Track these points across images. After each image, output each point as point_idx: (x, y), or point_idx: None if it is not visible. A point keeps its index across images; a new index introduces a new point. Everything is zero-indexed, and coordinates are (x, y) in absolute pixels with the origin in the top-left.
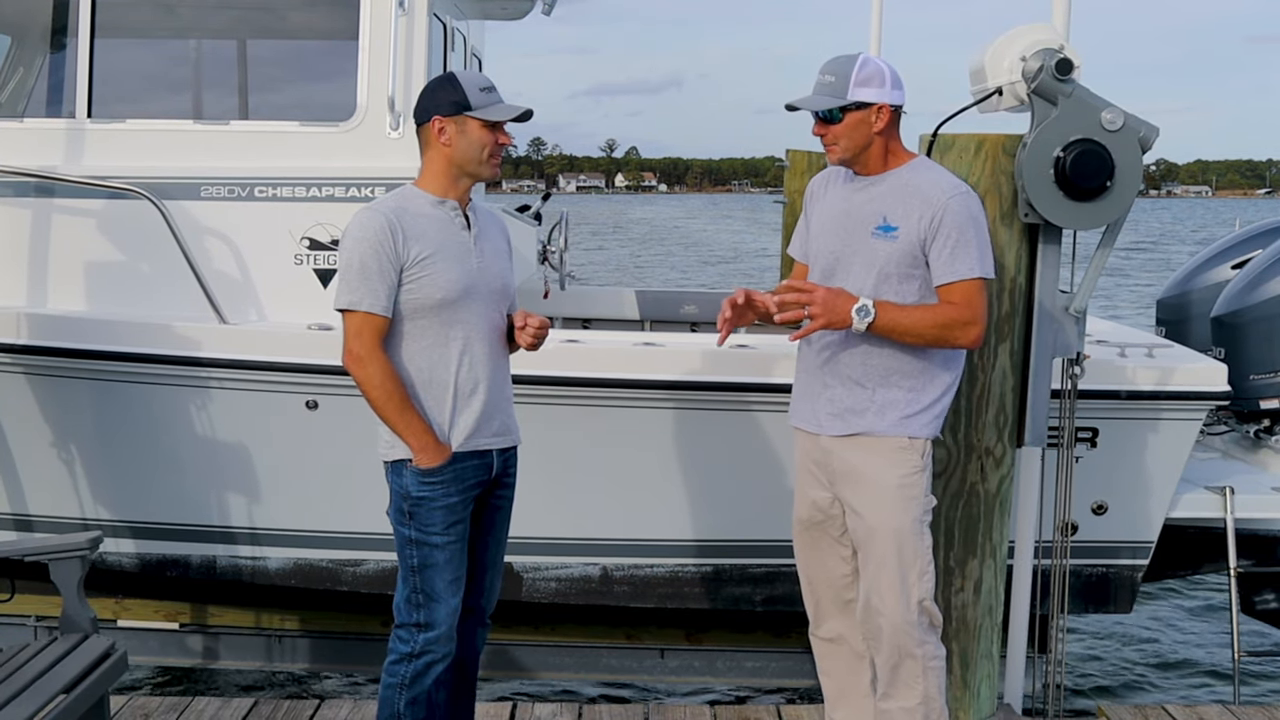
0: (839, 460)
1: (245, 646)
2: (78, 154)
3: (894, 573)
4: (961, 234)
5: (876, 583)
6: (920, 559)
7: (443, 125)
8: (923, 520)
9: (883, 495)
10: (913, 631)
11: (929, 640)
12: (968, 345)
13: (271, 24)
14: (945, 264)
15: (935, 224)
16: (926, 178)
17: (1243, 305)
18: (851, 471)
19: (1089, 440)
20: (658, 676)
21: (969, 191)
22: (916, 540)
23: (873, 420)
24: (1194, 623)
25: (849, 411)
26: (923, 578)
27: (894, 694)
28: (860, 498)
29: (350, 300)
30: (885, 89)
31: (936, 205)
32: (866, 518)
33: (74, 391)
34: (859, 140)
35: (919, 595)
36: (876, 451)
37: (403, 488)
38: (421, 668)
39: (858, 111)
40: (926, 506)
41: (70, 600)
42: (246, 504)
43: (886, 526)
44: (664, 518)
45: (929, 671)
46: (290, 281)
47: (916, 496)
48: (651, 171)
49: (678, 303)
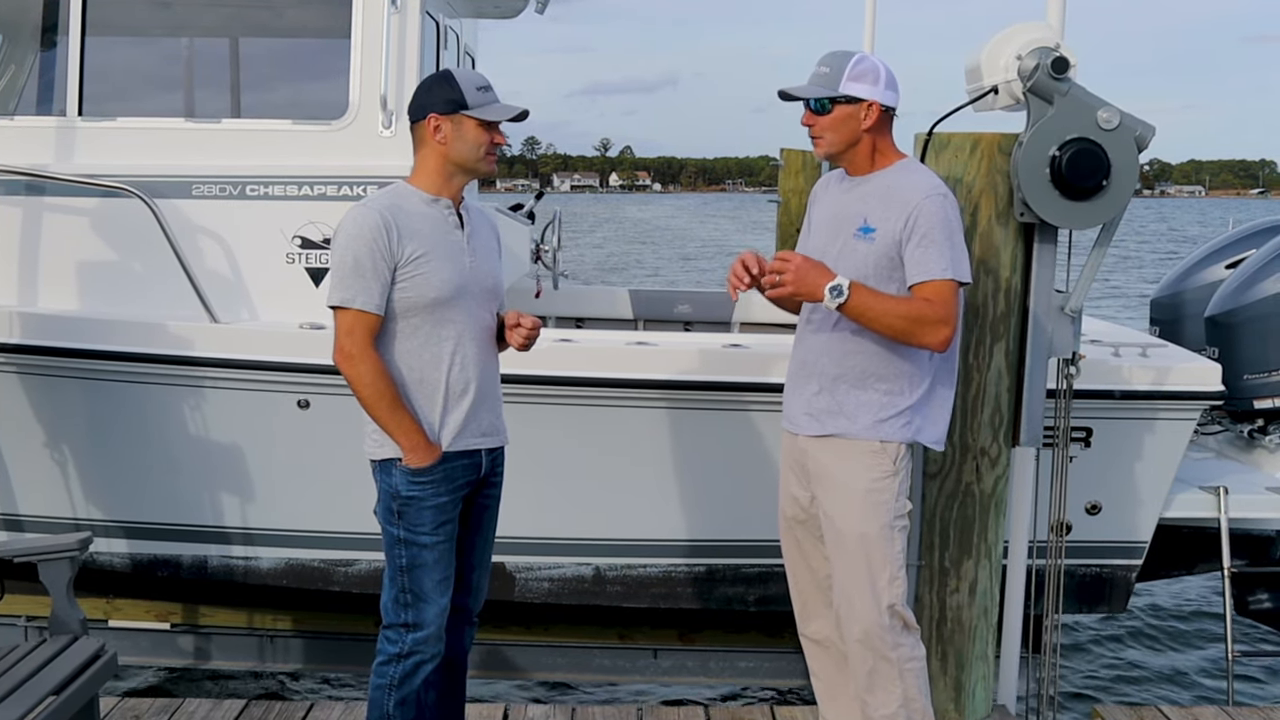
0: (813, 461)
1: (237, 647)
2: (69, 152)
3: (863, 578)
4: (934, 234)
5: (845, 587)
6: (890, 564)
7: (439, 123)
8: (893, 525)
9: (851, 499)
10: (885, 635)
11: (904, 642)
12: (935, 347)
13: (264, 22)
14: (917, 262)
15: (910, 224)
16: (907, 179)
17: (1237, 305)
18: (824, 473)
19: (1083, 440)
20: (651, 677)
21: (946, 194)
22: (886, 545)
23: (845, 422)
24: (1188, 623)
25: (824, 412)
26: (893, 583)
27: (872, 699)
28: (831, 500)
29: (343, 298)
30: (878, 88)
31: (911, 206)
32: (835, 520)
33: (65, 391)
34: (845, 135)
35: (889, 600)
36: (848, 454)
37: (391, 487)
38: (410, 668)
39: (847, 105)
40: (899, 511)
41: (60, 601)
42: (238, 504)
43: (854, 531)
44: (657, 518)
45: (906, 674)
46: (282, 280)
47: (886, 502)
48: (646, 171)
49: (671, 302)
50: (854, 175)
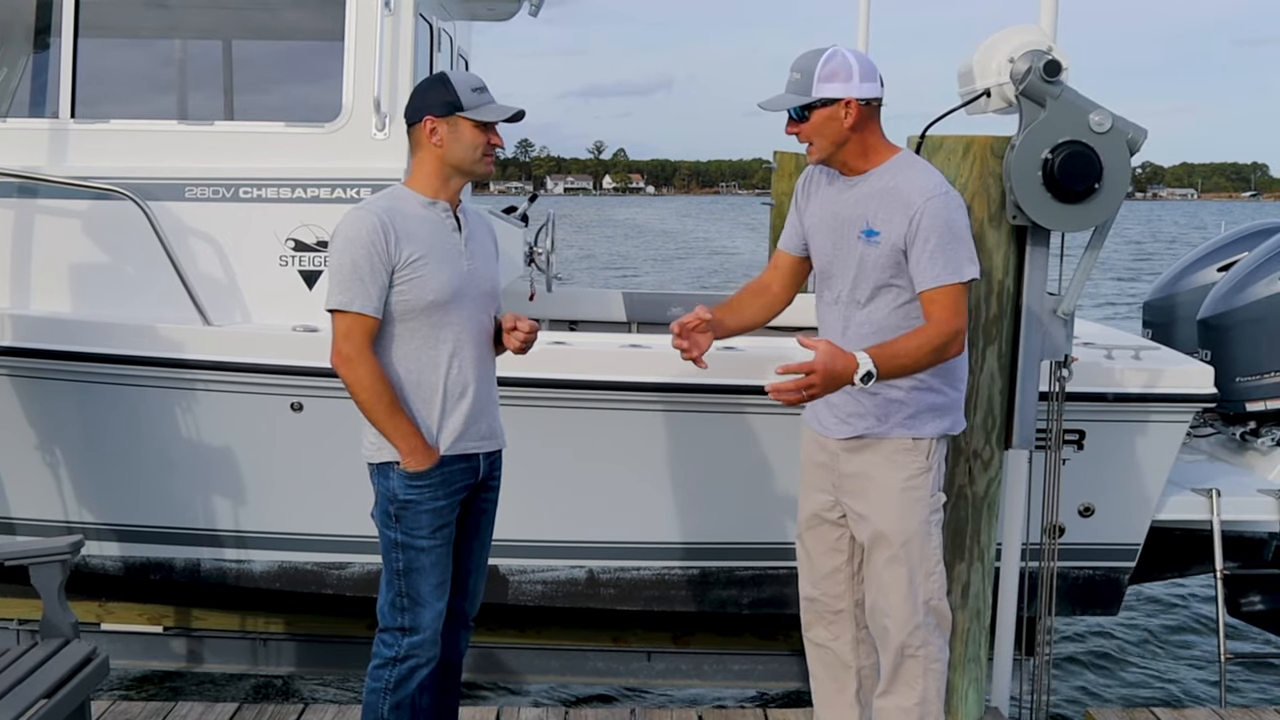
0: (844, 463)
1: (230, 650)
2: (61, 154)
3: (901, 574)
4: (939, 238)
5: (883, 583)
6: (928, 560)
7: (435, 125)
8: (930, 520)
9: (888, 498)
10: (918, 632)
11: (934, 641)
12: (956, 353)
13: (257, 24)
14: (925, 269)
15: (914, 228)
16: (907, 179)
17: (1229, 308)
18: (856, 475)
19: (1076, 443)
20: (644, 679)
21: (948, 192)
22: (924, 542)
23: (874, 422)
24: (1181, 625)
25: (853, 415)
26: (930, 578)
27: (893, 691)
28: (866, 501)
29: (341, 300)
30: (852, 83)
31: (914, 209)
32: (872, 521)
33: (57, 393)
34: (831, 137)
35: (925, 595)
36: (880, 454)
37: (389, 490)
38: (406, 672)
39: (824, 109)
40: (934, 506)
41: (51, 605)
42: (231, 506)
43: (893, 530)
44: (650, 520)
45: (930, 673)
46: (275, 283)
47: (923, 498)
48: (639, 173)
49: (665, 304)
50: (848, 175)
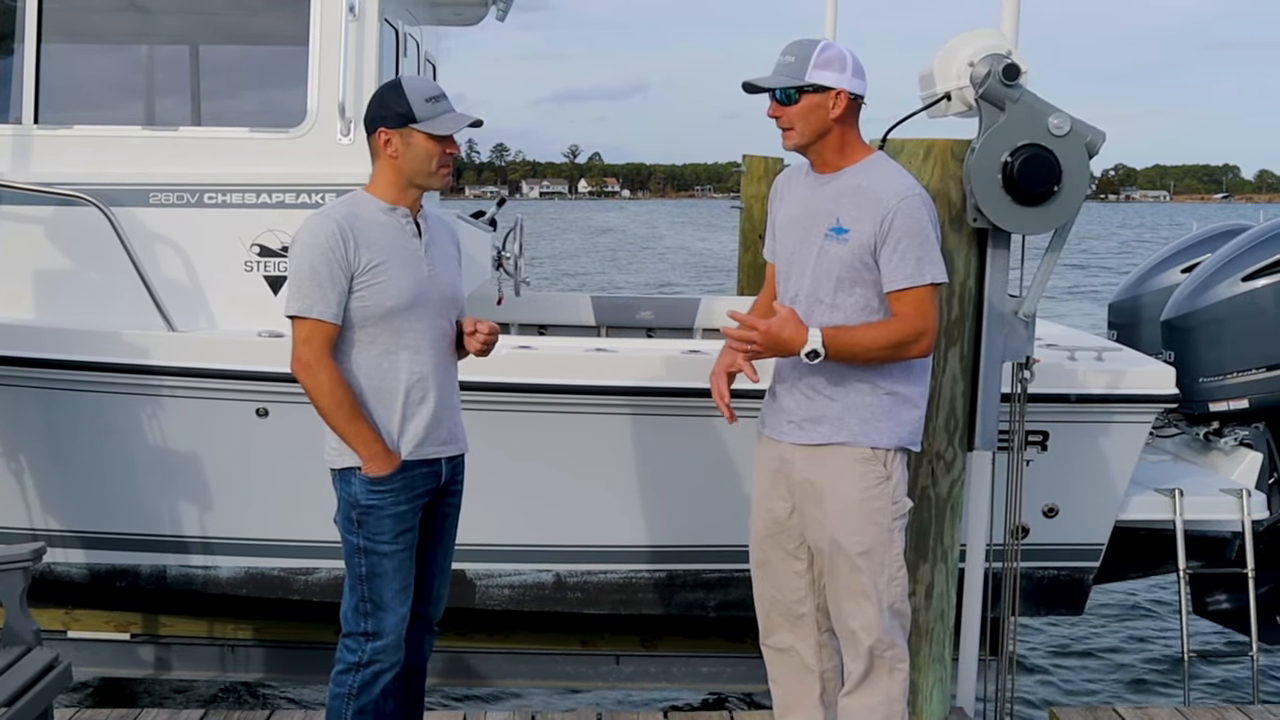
0: (799, 470)
1: (197, 656)
2: (24, 160)
3: (863, 581)
4: (910, 239)
5: (848, 590)
6: (890, 565)
7: (389, 137)
8: (891, 529)
9: (846, 509)
10: (884, 636)
11: (898, 643)
12: (920, 355)
13: (224, 28)
14: (895, 269)
15: (885, 228)
16: (879, 178)
17: (1192, 309)
18: (813, 483)
19: (1039, 444)
20: (613, 683)
21: (920, 193)
22: (884, 550)
23: (831, 430)
24: (1145, 624)
25: (809, 420)
26: (892, 583)
27: (858, 691)
28: (823, 509)
29: (300, 307)
30: (845, 75)
31: (886, 208)
32: (829, 529)
33: (21, 400)
34: (814, 125)
35: (889, 600)
36: (837, 462)
37: (351, 496)
38: (369, 677)
39: (814, 95)
40: (896, 514)
41: (13, 612)
42: (197, 513)
43: (851, 540)
44: (618, 524)
45: (894, 673)
46: (240, 288)
47: (882, 508)
48: (615, 177)
49: (633, 308)
50: (822, 171)
